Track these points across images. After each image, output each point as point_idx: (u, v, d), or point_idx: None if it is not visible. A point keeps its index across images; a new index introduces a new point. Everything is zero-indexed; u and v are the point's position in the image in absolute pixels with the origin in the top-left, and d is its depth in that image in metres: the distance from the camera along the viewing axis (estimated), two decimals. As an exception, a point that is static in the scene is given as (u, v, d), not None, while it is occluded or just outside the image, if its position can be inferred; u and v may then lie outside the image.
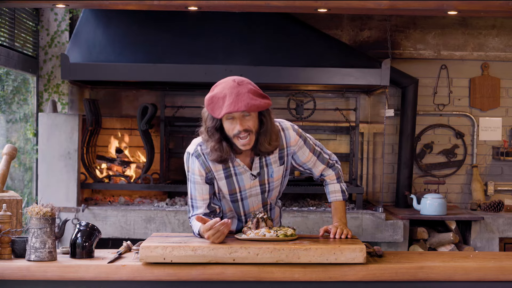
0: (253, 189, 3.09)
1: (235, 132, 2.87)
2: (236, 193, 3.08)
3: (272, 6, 4.49)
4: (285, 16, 5.60)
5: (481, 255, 3.23)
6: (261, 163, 3.04)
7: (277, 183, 3.11)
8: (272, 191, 3.13)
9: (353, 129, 5.87)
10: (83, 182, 5.53)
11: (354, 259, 2.87)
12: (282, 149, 3.06)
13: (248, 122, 2.87)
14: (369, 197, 6.09)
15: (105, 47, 5.43)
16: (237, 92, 2.81)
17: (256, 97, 2.84)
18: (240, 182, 3.05)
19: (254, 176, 3.04)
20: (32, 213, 2.92)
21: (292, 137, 3.07)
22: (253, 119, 2.89)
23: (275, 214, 3.25)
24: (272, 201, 3.19)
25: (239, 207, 3.13)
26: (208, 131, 2.94)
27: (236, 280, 2.85)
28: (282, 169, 3.08)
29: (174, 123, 5.88)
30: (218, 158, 2.96)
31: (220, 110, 2.82)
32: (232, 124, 2.87)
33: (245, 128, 2.87)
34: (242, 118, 2.86)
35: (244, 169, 3.03)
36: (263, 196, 3.12)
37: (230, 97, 2.80)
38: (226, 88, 2.83)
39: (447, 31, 6.14)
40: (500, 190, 6.16)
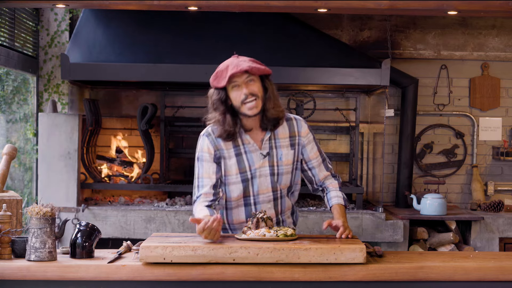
0: (262, 169, 3.11)
1: (242, 98, 3.00)
2: (246, 172, 3.11)
3: (272, 6, 4.49)
4: (285, 16, 5.60)
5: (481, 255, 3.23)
6: (270, 144, 3.12)
7: (286, 169, 3.13)
8: (281, 175, 3.14)
9: (353, 129, 5.87)
10: (83, 182, 5.54)
11: (354, 259, 2.87)
12: (293, 136, 3.15)
13: (253, 86, 3.01)
14: (369, 197, 6.09)
15: (105, 47, 5.43)
16: (237, 61, 3.01)
17: (256, 63, 3.03)
18: (250, 160, 3.10)
19: (263, 155, 3.10)
20: (32, 213, 2.92)
21: (304, 127, 3.17)
22: (257, 84, 3.03)
23: (285, 205, 3.22)
24: (283, 190, 3.17)
25: (249, 187, 3.13)
26: (214, 105, 3.08)
27: (236, 280, 2.85)
28: (291, 154, 3.13)
29: (174, 123, 5.88)
30: (223, 132, 3.06)
31: (224, 78, 2.99)
32: (238, 90, 3.01)
33: (251, 92, 3.00)
34: (247, 83, 3.00)
35: (254, 147, 3.10)
36: (272, 178, 3.13)
37: (232, 65, 2.99)
38: (227, 62, 3.05)
39: (447, 31, 6.14)
40: (500, 190, 6.16)
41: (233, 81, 3.01)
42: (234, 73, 2.96)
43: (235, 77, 2.99)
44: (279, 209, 3.22)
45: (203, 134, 3.16)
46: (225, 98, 3.04)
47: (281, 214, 3.23)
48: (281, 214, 3.23)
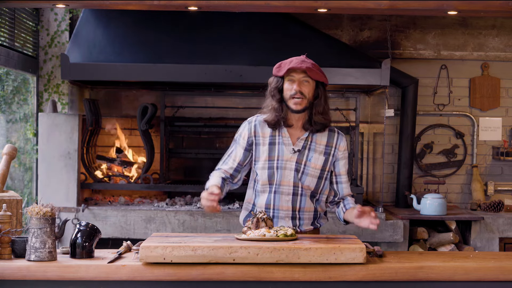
0: (289, 163, 3.28)
1: (292, 92, 3.23)
2: (274, 160, 3.29)
3: (272, 6, 4.49)
4: (285, 16, 5.60)
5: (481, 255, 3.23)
6: (305, 144, 3.31)
7: (312, 171, 3.29)
8: (305, 175, 3.29)
9: (353, 129, 5.87)
10: (83, 182, 5.54)
11: (354, 259, 2.87)
12: (330, 146, 3.33)
13: (305, 87, 3.23)
14: (369, 197, 6.09)
15: (105, 47, 5.43)
16: (302, 60, 3.25)
17: (316, 69, 3.26)
18: (280, 152, 3.29)
19: (294, 150, 3.28)
20: (32, 213, 2.92)
21: (343, 143, 3.37)
22: (310, 87, 3.25)
23: (304, 204, 3.32)
24: (305, 190, 3.30)
25: (273, 175, 3.29)
26: (271, 91, 3.29)
27: (236, 280, 2.85)
28: (322, 160, 3.30)
29: (174, 123, 5.88)
30: (275, 117, 3.28)
31: (285, 69, 3.23)
32: (291, 85, 3.23)
33: (301, 91, 3.22)
34: (301, 82, 3.23)
35: (288, 141, 3.30)
36: (296, 174, 3.28)
37: (296, 61, 3.24)
38: (294, 57, 3.28)
39: (447, 31, 6.14)
40: (500, 190, 6.16)
41: (291, 75, 3.24)
42: (294, 67, 3.20)
43: (293, 71, 3.23)
44: (297, 206, 3.32)
45: (246, 121, 3.41)
46: (282, 87, 3.27)
47: (299, 212, 3.33)
48: (299, 212, 3.33)
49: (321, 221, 3.43)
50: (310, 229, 3.35)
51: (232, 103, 6.07)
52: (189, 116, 6.01)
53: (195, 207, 5.48)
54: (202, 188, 5.62)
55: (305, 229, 3.33)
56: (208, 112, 6.05)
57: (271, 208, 3.31)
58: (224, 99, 6.08)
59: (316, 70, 3.23)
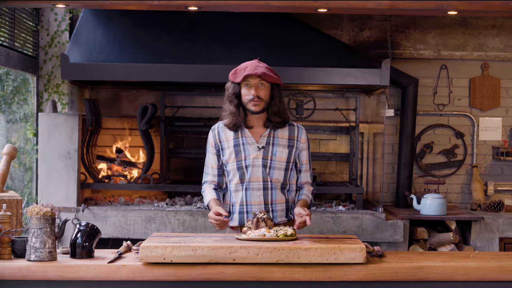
0: (255, 160, 3.48)
1: (250, 97, 3.44)
2: (242, 160, 3.49)
3: (272, 6, 4.49)
4: (285, 16, 5.60)
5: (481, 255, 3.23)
6: (268, 140, 3.51)
7: (279, 164, 3.50)
8: (273, 169, 3.49)
9: (353, 129, 5.87)
10: (83, 182, 5.53)
11: (354, 259, 2.87)
12: (292, 139, 3.54)
13: (261, 91, 3.44)
14: (369, 197, 6.09)
15: (105, 47, 5.43)
16: (256, 65, 3.45)
17: (271, 72, 3.46)
18: (246, 151, 3.50)
19: (259, 148, 3.48)
20: (32, 213, 2.92)
21: (304, 135, 3.58)
22: (266, 90, 3.45)
23: (276, 197, 3.51)
24: (274, 183, 3.50)
25: (244, 174, 3.49)
26: (229, 97, 3.51)
27: (236, 280, 2.85)
28: (286, 153, 3.51)
29: (174, 123, 5.88)
30: (233, 121, 3.50)
31: (241, 76, 3.42)
32: (248, 90, 3.44)
33: (258, 95, 3.43)
34: (258, 87, 3.43)
35: (252, 141, 3.50)
36: (264, 170, 3.48)
37: (250, 67, 3.44)
38: (247, 63, 3.48)
39: (447, 31, 6.14)
40: (500, 190, 6.16)
41: (247, 80, 3.43)
42: (250, 74, 3.39)
43: (249, 77, 3.42)
44: (269, 199, 3.50)
45: (211, 130, 3.63)
46: (239, 93, 3.48)
47: (271, 205, 3.50)
48: (271, 205, 3.50)
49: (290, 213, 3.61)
50: (284, 221, 3.51)
51: (232, 103, 6.06)
52: (189, 116, 6.01)
53: (195, 207, 5.48)
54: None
55: (279, 221, 3.49)
56: (208, 112, 6.05)
57: (244, 204, 3.49)
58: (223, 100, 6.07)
59: (270, 73, 3.43)
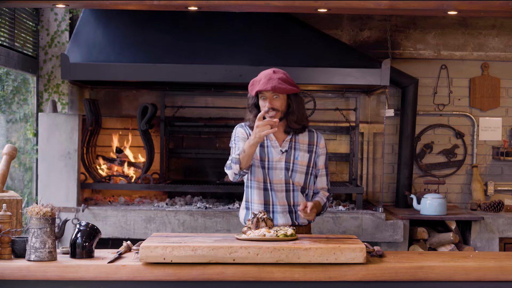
0: (278, 163, 3.59)
1: (265, 109, 3.52)
2: (265, 161, 3.60)
3: (272, 6, 4.49)
4: (285, 16, 5.60)
5: (481, 255, 3.23)
6: (290, 144, 3.63)
7: (301, 168, 3.61)
8: (295, 172, 3.60)
9: (353, 129, 5.87)
10: (83, 182, 5.53)
11: (354, 259, 2.87)
12: (312, 145, 3.67)
13: (276, 102, 3.52)
14: (369, 197, 6.09)
15: (105, 47, 5.43)
16: (269, 77, 3.51)
17: (284, 83, 3.50)
18: (270, 154, 3.60)
19: (282, 151, 3.60)
20: (32, 213, 2.92)
21: (322, 141, 3.70)
22: (281, 101, 3.54)
23: (297, 199, 3.59)
24: (296, 186, 3.60)
25: (266, 174, 3.59)
26: (249, 108, 3.65)
27: (236, 280, 2.85)
28: (307, 158, 3.63)
29: (174, 123, 5.88)
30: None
31: (254, 89, 3.54)
32: (264, 102, 3.54)
33: (273, 106, 3.51)
34: (272, 98, 3.52)
35: (275, 144, 3.62)
36: (286, 172, 3.58)
37: (263, 80, 3.51)
38: (263, 74, 3.55)
39: (447, 31, 6.14)
40: (500, 190, 6.16)
41: (262, 93, 3.54)
42: (261, 90, 3.49)
43: (263, 91, 3.52)
44: (291, 201, 3.58)
45: (238, 126, 3.72)
46: (257, 103, 3.60)
47: (293, 206, 3.58)
48: (293, 206, 3.58)
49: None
50: (304, 223, 3.61)
51: (232, 103, 6.07)
52: (189, 116, 6.01)
53: (195, 207, 5.48)
54: (202, 188, 5.66)
55: (301, 222, 3.59)
56: (208, 112, 6.05)
57: (270, 204, 3.57)
58: (224, 99, 6.08)
59: (283, 86, 3.48)
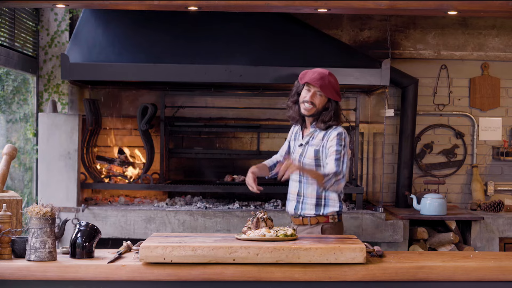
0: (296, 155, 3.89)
1: (305, 99, 3.78)
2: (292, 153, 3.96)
3: (272, 6, 4.49)
4: (285, 16, 5.60)
5: (481, 255, 3.23)
6: (307, 140, 3.85)
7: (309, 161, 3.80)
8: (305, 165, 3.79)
9: (353, 129, 5.86)
10: (83, 182, 5.53)
11: (354, 259, 2.87)
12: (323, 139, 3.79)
13: (317, 99, 3.77)
14: (369, 197, 6.09)
15: (105, 47, 5.43)
16: (323, 76, 3.75)
17: (331, 87, 3.74)
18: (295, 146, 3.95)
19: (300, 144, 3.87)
20: (32, 213, 2.92)
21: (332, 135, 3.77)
22: (322, 99, 3.77)
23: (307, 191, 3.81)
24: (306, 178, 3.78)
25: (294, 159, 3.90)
26: (292, 91, 3.88)
27: (236, 280, 2.85)
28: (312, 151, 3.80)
29: (174, 123, 5.88)
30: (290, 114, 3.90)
31: (305, 79, 3.77)
32: (306, 93, 3.78)
33: (312, 101, 3.76)
34: (315, 94, 3.76)
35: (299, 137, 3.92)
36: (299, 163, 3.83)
37: (317, 75, 3.74)
38: (319, 70, 3.79)
39: (447, 31, 6.14)
40: (500, 190, 6.16)
41: (309, 86, 3.77)
42: (310, 82, 3.73)
43: (311, 84, 3.74)
44: (301, 191, 3.83)
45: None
46: (300, 92, 3.83)
47: (303, 197, 3.82)
48: (303, 197, 3.82)
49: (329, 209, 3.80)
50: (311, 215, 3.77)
51: (232, 103, 6.07)
52: (189, 116, 6.01)
53: (195, 207, 5.48)
54: (202, 188, 5.66)
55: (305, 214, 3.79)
56: (208, 112, 6.05)
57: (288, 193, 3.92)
58: (224, 99, 6.08)
59: (330, 88, 3.72)
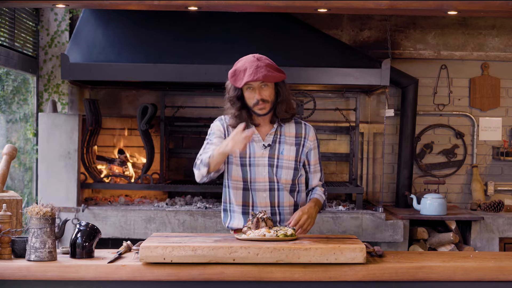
0: (261, 159, 3.32)
1: (254, 102, 3.26)
2: (246, 158, 3.32)
3: (272, 6, 4.49)
4: (285, 16, 5.60)
5: (481, 255, 3.23)
6: (274, 138, 3.35)
7: (287, 163, 3.33)
8: (280, 168, 3.32)
9: (353, 129, 5.87)
10: (83, 182, 5.54)
11: (354, 259, 2.87)
12: (299, 137, 3.38)
13: (265, 92, 3.25)
14: (369, 197, 6.09)
15: (105, 47, 5.43)
16: (256, 66, 3.21)
17: (273, 70, 3.23)
18: (252, 149, 3.32)
19: (264, 146, 3.32)
20: (32, 213, 2.92)
21: (312, 133, 3.41)
22: (270, 90, 3.27)
23: (283, 199, 3.35)
24: (281, 184, 3.33)
25: (247, 172, 3.32)
26: (230, 100, 3.33)
27: (236, 280, 2.85)
28: (294, 151, 3.34)
29: (174, 123, 5.88)
30: (237, 124, 3.28)
31: (241, 80, 3.22)
32: (252, 93, 3.26)
33: (263, 98, 3.25)
34: (260, 88, 3.24)
35: (258, 138, 3.34)
36: (270, 169, 3.31)
37: (250, 69, 3.20)
38: (247, 63, 3.24)
39: (447, 31, 6.14)
40: (500, 190, 6.16)
41: (249, 84, 3.25)
42: (250, 81, 3.19)
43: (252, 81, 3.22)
44: (276, 201, 3.35)
45: (217, 119, 3.45)
46: (241, 95, 3.30)
47: (278, 207, 3.36)
48: (278, 207, 3.36)
49: None
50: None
51: (232, 103, 6.06)
52: (189, 116, 6.01)
53: (195, 207, 5.48)
54: (202, 188, 5.65)
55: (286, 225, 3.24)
56: (208, 112, 6.05)
57: (250, 205, 3.33)
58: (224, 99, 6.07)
59: (272, 73, 3.21)
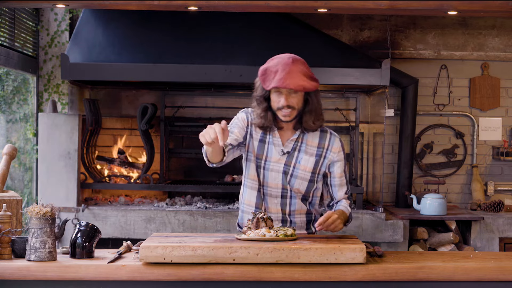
0: (276, 165, 3.17)
1: (279, 106, 3.05)
2: (262, 160, 3.18)
3: (272, 6, 4.49)
4: (285, 16, 5.60)
5: (481, 255, 3.23)
6: (295, 145, 3.17)
7: (302, 174, 3.17)
8: (294, 178, 3.18)
9: (353, 129, 5.87)
10: (83, 182, 5.54)
11: (354, 259, 2.87)
12: (322, 148, 3.19)
13: (293, 99, 3.05)
14: (369, 197, 6.09)
15: (105, 47, 5.43)
16: (289, 70, 2.98)
17: (306, 78, 3.02)
18: (269, 152, 3.17)
19: (283, 152, 3.16)
20: (32, 213, 2.92)
21: (336, 144, 3.20)
22: (298, 98, 3.07)
23: (295, 207, 3.23)
24: (294, 192, 3.20)
25: (260, 174, 3.19)
26: (257, 100, 3.13)
27: (236, 280, 2.85)
28: (312, 162, 3.17)
29: (174, 123, 5.88)
30: (261, 124, 3.14)
31: (270, 82, 3.01)
32: (278, 97, 3.05)
33: (289, 104, 3.04)
34: (288, 94, 3.04)
35: (278, 142, 3.17)
36: (284, 177, 3.18)
37: (282, 73, 2.98)
38: (280, 64, 3.01)
39: (447, 31, 6.14)
40: (500, 190, 6.16)
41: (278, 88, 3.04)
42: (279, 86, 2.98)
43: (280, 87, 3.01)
44: (287, 209, 3.24)
45: (242, 111, 3.24)
46: (268, 96, 3.11)
47: (289, 215, 3.25)
48: (289, 215, 3.25)
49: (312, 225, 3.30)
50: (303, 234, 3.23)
51: (232, 103, 6.07)
52: (189, 116, 6.01)
53: (195, 207, 5.48)
54: (202, 188, 5.65)
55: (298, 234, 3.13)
56: (208, 112, 6.05)
57: (262, 208, 3.22)
58: (224, 99, 6.08)
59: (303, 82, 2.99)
